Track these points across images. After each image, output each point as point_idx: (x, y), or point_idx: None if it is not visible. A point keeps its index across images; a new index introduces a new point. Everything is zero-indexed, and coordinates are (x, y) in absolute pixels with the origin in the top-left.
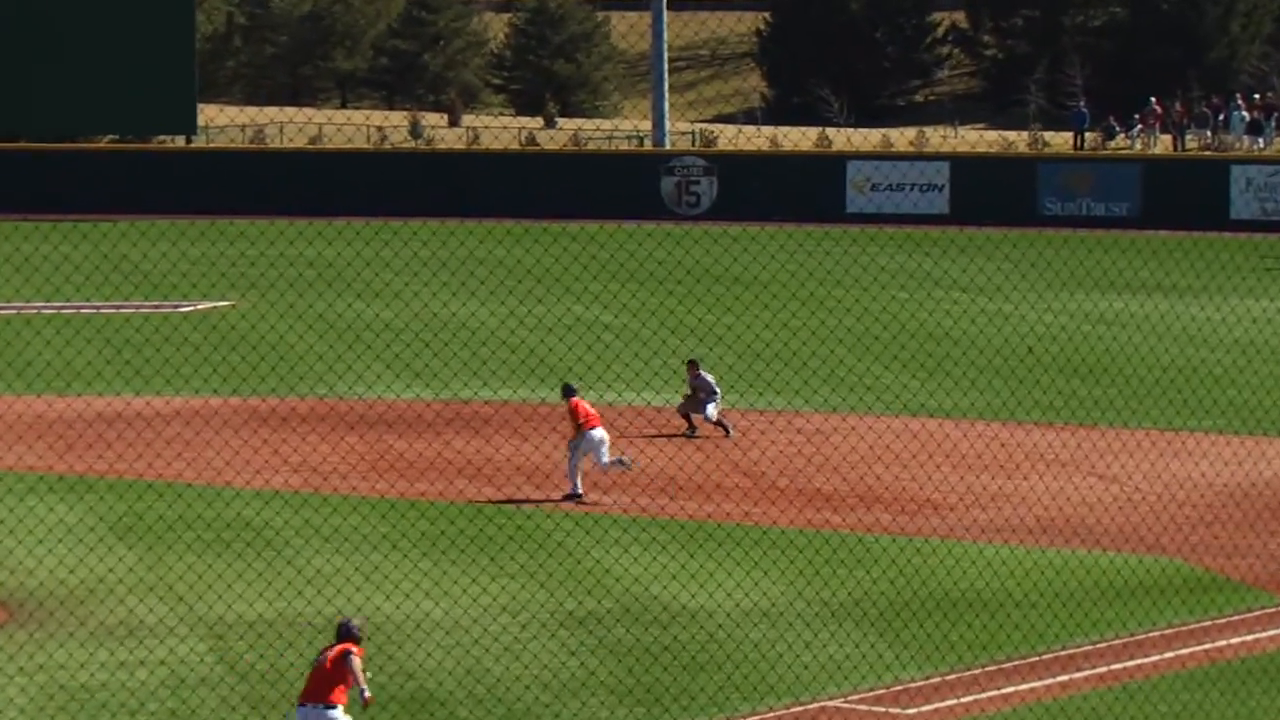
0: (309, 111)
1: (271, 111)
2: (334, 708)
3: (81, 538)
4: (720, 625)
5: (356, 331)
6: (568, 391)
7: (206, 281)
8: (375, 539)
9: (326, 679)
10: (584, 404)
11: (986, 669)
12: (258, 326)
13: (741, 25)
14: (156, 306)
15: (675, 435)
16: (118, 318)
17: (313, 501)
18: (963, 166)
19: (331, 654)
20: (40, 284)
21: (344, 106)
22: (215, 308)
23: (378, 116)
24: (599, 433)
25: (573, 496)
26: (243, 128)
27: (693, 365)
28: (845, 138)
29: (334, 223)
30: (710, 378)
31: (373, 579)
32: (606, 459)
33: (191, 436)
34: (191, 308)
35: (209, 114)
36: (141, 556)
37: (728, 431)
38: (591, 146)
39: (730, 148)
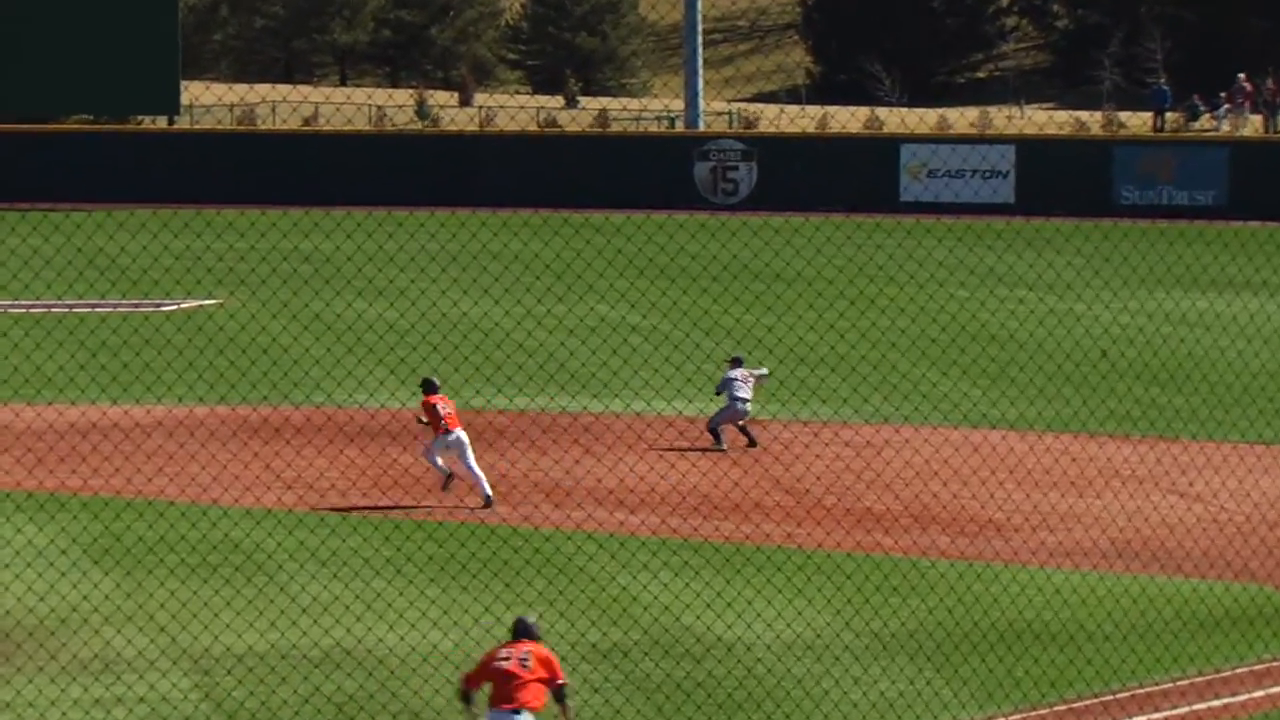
0: (304, 89)
1: (263, 89)
2: (535, 713)
3: (52, 561)
4: (760, 659)
5: (357, 333)
6: (427, 387)
7: (191, 278)
8: (378, 563)
9: (533, 678)
10: (441, 402)
11: (1055, 709)
12: (248, 327)
13: None
14: (135, 305)
15: (709, 449)
16: (92, 318)
17: (308, 521)
18: (1030, 150)
19: (526, 655)
20: (6, 280)
21: (343, 84)
22: (201, 306)
23: (380, 95)
24: (460, 434)
25: (447, 483)
26: (231, 107)
27: (735, 363)
28: (899, 118)
29: (332, 213)
30: (737, 374)
31: (375, 607)
32: (473, 462)
33: (174, 449)
34: (174, 306)
35: (193, 92)
36: (119, 582)
37: (752, 441)
38: (617, 128)
39: (771, 130)
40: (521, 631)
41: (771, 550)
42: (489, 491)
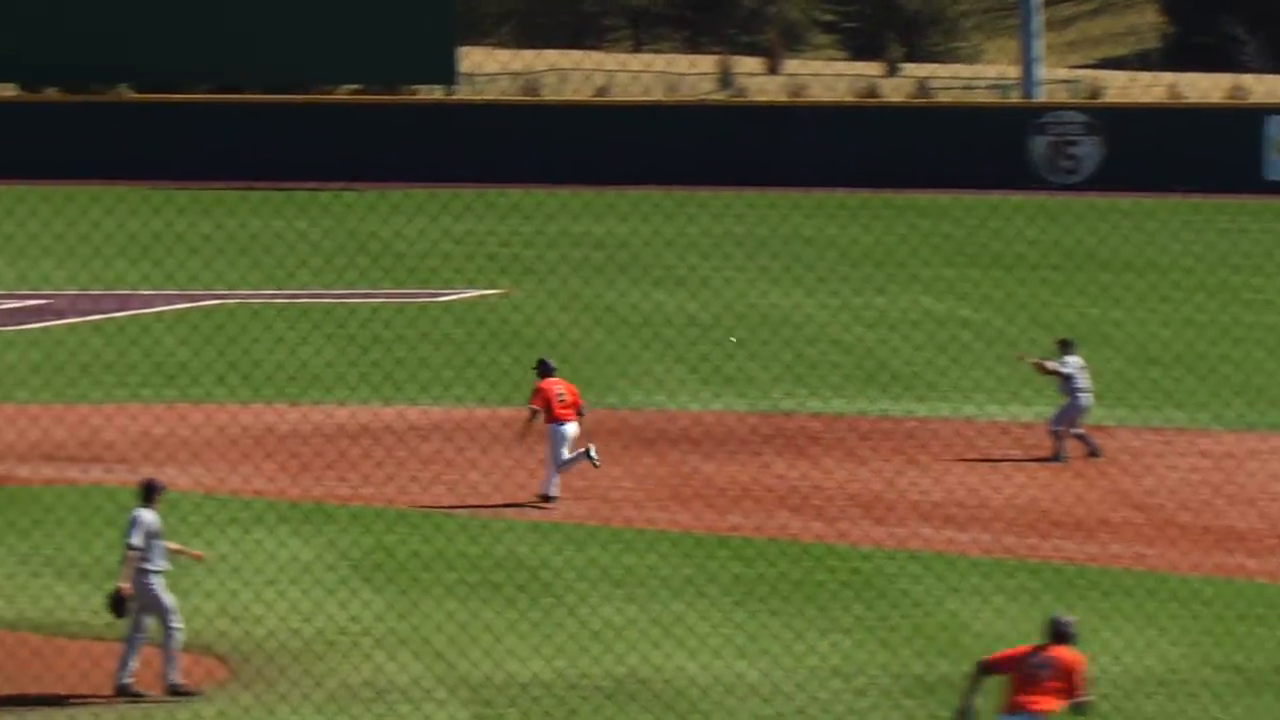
0: (596, 56)
1: (551, 56)
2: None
3: (319, 578)
4: (1105, 695)
5: (654, 327)
6: (544, 370)
7: (472, 265)
8: (677, 583)
9: (1050, 685)
10: (557, 389)
11: None
12: (534, 320)
13: None
14: (411, 295)
15: (1048, 460)
16: (364, 309)
17: (600, 536)
18: None
19: (1045, 661)
20: (270, 268)
21: (637, 50)
22: (482, 297)
23: (680, 62)
24: (572, 428)
25: (546, 499)
26: (515, 76)
27: (1065, 347)
28: (1265, 87)
29: (626, 193)
30: (1075, 361)
31: (674, 632)
32: (566, 456)
33: (453, 455)
34: (453, 296)
35: (475, 59)
36: (392, 602)
37: (1094, 450)
38: (944, 98)
39: (1119, 99)
40: (1054, 634)
41: (1119, 573)
42: (554, 492)
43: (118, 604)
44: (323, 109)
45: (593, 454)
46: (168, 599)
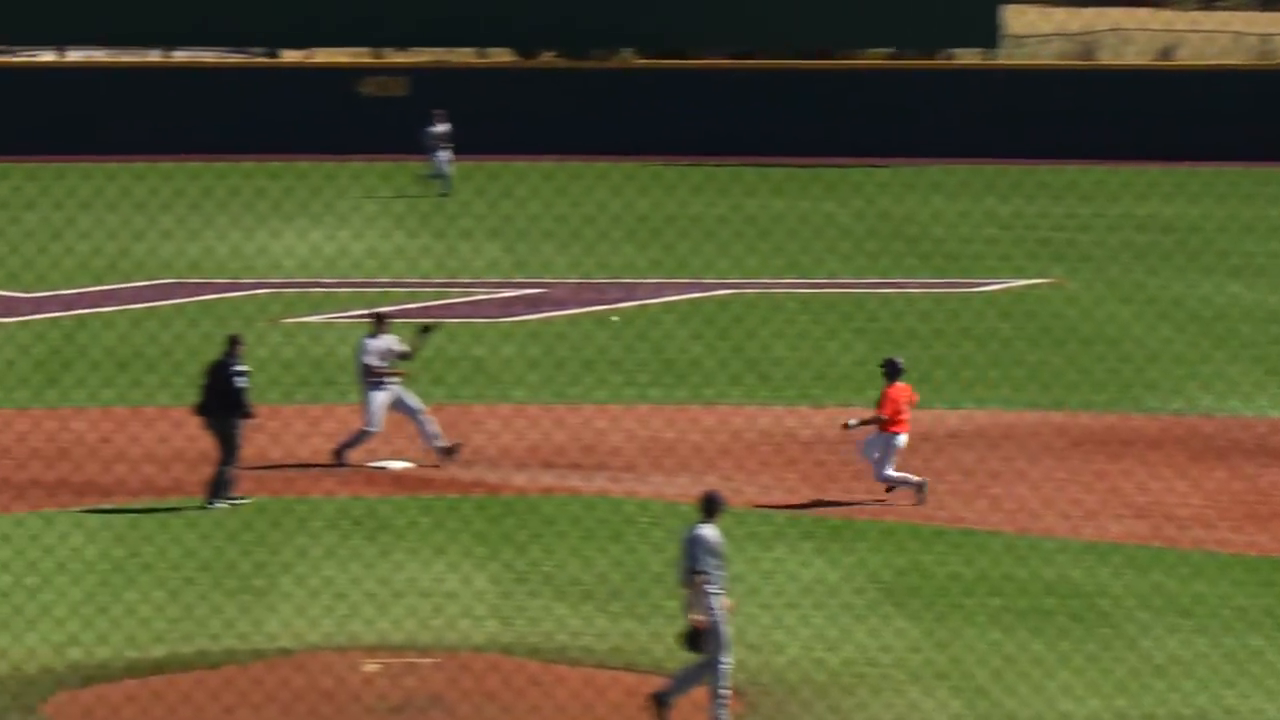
0: (1165, 14)
1: (1114, 14)
2: None
3: (846, 603)
4: None
5: (1229, 323)
6: (892, 372)
7: (1020, 251)
8: (1254, 614)
9: None
10: (905, 396)
11: None
12: (1091, 314)
13: None
14: (950, 285)
15: None
16: (897, 300)
17: (1165, 559)
18: None
19: None
20: (793, 254)
21: (1210, 7)
22: (1031, 287)
23: (1260, 20)
24: (904, 440)
25: (909, 484)
26: (1071, 37)
27: None
28: None
29: (1198, 170)
30: None
31: (1250, 670)
32: (890, 470)
33: (998, 465)
34: (999, 287)
35: (1027, 18)
36: (929, 630)
37: None
38: None
39: None
40: None
41: None
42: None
43: (694, 639)
44: (850, 76)
45: (923, 487)
46: (725, 628)
